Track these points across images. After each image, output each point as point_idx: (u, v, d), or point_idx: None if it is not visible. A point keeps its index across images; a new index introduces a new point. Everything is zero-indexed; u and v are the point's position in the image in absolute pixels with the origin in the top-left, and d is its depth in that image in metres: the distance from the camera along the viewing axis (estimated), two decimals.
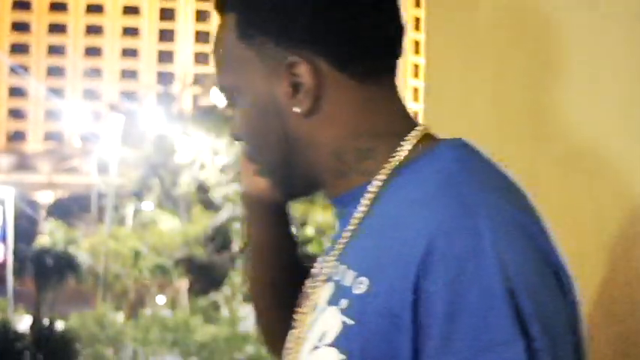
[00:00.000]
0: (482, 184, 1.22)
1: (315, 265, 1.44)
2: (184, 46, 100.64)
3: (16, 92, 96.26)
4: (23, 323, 33.64)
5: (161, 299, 39.66)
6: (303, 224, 44.14)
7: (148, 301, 38.25)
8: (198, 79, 65.66)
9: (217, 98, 55.26)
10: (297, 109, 1.30)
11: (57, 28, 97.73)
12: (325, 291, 1.30)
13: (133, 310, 35.63)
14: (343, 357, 1.20)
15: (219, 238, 42.71)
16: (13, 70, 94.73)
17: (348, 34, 1.30)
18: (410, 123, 1.34)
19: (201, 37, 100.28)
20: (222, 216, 42.67)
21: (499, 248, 1.14)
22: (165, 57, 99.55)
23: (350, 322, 1.21)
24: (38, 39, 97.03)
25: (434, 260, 1.14)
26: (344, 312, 1.22)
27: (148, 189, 44.69)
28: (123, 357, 33.90)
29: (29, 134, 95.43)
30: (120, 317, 35.46)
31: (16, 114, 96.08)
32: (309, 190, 1.41)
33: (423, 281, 1.14)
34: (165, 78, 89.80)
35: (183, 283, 42.36)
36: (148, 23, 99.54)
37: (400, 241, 1.18)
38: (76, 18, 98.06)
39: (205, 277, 39.16)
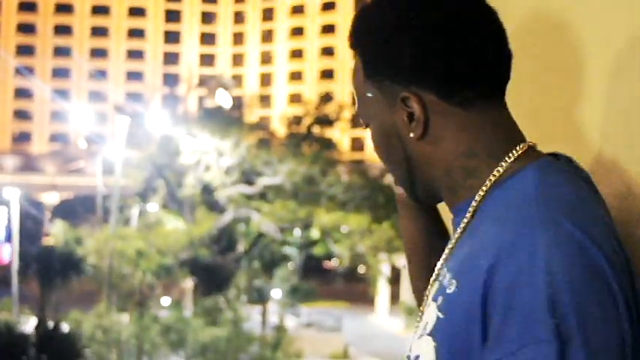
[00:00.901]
0: (550, 204, 1.41)
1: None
2: (190, 47, 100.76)
3: (21, 93, 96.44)
4: (28, 324, 33.67)
5: (166, 300, 39.70)
6: (308, 226, 44.17)
7: (152, 302, 38.27)
8: (203, 81, 65.72)
9: (222, 100, 55.30)
10: (412, 135, 1.55)
11: (62, 30, 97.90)
12: (433, 289, 1.54)
13: (138, 311, 35.63)
14: (435, 344, 1.45)
15: (224, 240, 42.76)
16: (18, 72, 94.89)
17: (446, 68, 1.52)
18: (513, 142, 1.54)
19: (206, 39, 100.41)
20: (227, 217, 42.70)
21: (551, 263, 1.33)
22: (170, 59, 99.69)
23: (441, 315, 1.45)
24: (44, 40, 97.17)
25: (498, 268, 1.36)
26: (439, 307, 1.47)
27: (153, 190, 44.73)
28: (126, 358, 33.93)
29: (35, 135, 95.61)
30: (125, 318, 35.47)
31: (21, 115, 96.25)
32: (433, 199, 1.66)
33: (489, 285, 1.36)
34: (170, 80, 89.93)
35: (187, 284, 42.40)
36: (154, 25, 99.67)
37: (479, 250, 1.41)
38: (81, 19, 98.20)
39: (210, 278, 39.19)
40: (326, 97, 65.54)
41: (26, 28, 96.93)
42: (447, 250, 1.57)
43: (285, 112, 63.54)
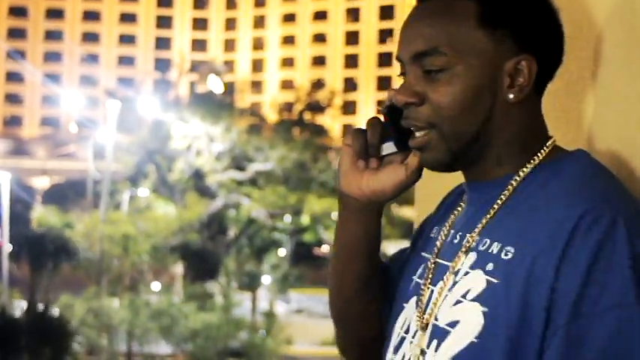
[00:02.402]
0: (612, 185, 1.50)
1: (439, 240, 1.69)
2: (182, 33, 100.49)
3: (12, 77, 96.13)
4: (18, 308, 33.63)
5: (156, 285, 39.69)
6: (298, 213, 44.16)
7: (142, 287, 38.25)
8: (195, 66, 65.62)
9: (214, 85, 55.21)
10: (510, 96, 1.54)
11: (54, 14, 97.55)
12: (468, 259, 1.55)
13: (128, 296, 35.61)
14: (485, 309, 1.47)
15: (215, 225, 42.74)
16: (9, 56, 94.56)
17: (556, 45, 1.58)
18: (547, 133, 1.61)
19: (198, 24, 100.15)
20: (218, 203, 42.69)
21: (631, 232, 1.40)
22: (162, 44, 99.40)
23: (495, 280, 1.47)
24: (35, 24, 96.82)
25: (580, 235, 1.40)
26: (489, 273, 1.49)
27: (144, 175, 44.67)
28: (116, 342, 33.93)
29: (25, 119, 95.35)
30: (115, 303, 35.45)
31: (12, 99, 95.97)
32: (461, 165, 1.61)
33: (569, 250, 1.40)
34: (162, 65, 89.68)
35: (178, 270, 42.39)
36: (146, 10, 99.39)
37: (550, 221, 1.44)
38: (73, 4, 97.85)
39: (200, 263, 39.19)
40: (317, 84, 65.47)
41: (17, 12, 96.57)
42: (481, 223, 1.57)
43: (277, 98, 63.47)
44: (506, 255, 1.48)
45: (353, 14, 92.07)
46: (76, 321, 32.04)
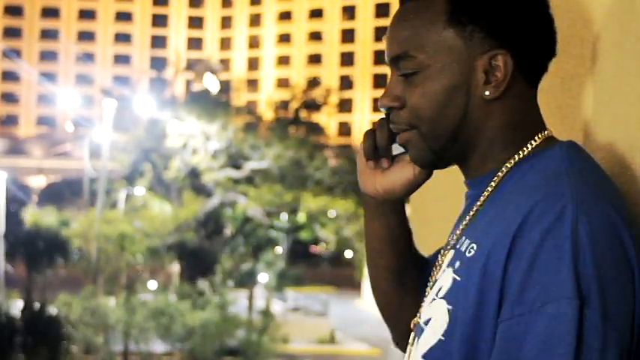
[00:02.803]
0: (579, 178, 1.47)
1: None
2: (177, 31, 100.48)
3: (8, 76, 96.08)
4: (14, 307, 33.60)
5: (153, 284, 39.66)
6: (295, 211, 44.17)
7: (139, 286, 38.22)
8: (190, 65, 65.54)
9: (210, 83, 55.18)
10: (486, 93, 1.53)
11: (50, 13, 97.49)
12: (448, 257, 1.59)
13: (125, 295, 35.59)
14: (450, 307, 1.50)
15: (211, 224, 42.74)
16: (5, 54, 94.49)
17: (538, 38, 1.56)
18: (540, 126, 1.59)
19: (194, 22, 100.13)
20: (214, 201, 42.69)
21: (577, 228, 1.39)
22: (158, 42, 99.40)
23: (458, 278, 1.50)
24: (31, 23, 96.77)
25: (525, 229, 1.41)
26: (455, 271, 1.52)
27: (140, 173, 44.63)
28: (113, 341, 33.91)
29: (21, 119, 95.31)
30: (111, 302, 35.43)
31: (8, 98, 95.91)
32: (448, 165, 1.64)
33: (515, 245, 1.41)
34: (158, 63, 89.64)
35: (174, 268, 42.38)
36: (141, 8, 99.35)
37: (504, 217, 1.46)
38: (68, 2, 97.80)
39: (197, 262, 39.18)
40: (313, 82, 65.52)
41: (13, 11, 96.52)
42: (465, 221, 1.60)
43: (273, 97, 63.48)
44: (469, 252, 1.50)
45: (349, 12, 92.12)
46: (73, 320, 32.02)
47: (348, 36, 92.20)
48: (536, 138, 1.56)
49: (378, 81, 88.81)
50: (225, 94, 53.22)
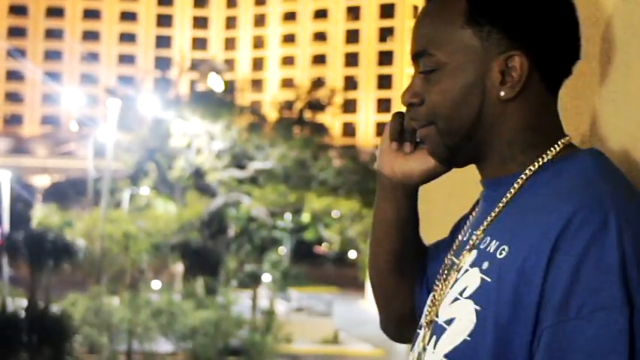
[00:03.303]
0: (614, 186, 1.48)
1: (457, 239, 1.72)
2: (182, 31, 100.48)
3: (13, 76, 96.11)
4: (18, 307, 33.63)
5: (156, 284, 39.70)
6: (299, 211, 44.16)
7: (142, 286, 38.25)
8: (195, 65, 65.60)
9: (214, 84, 55.19)
10: (502, 94, 1.54)
11: (54, 12, 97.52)
12: (470, 257, 1.58)
13: (129, 295, 35.61)
14: (478, 308, 1.49)
15: (215, 223, 42.74)
16: (10, 54, 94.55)
17: (558, 40, 1.55)
18: (560, 132, 1.59)
19: (198, 22, 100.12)
20: (218, 201, 42.70)
21: (620, 232, 1.39)
22: (162, 42, 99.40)
23: (488, 279, 1.49)
24: (35, 23, 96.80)
25: (568, 236, 1.40)
26: (484, 271, 1.51)
27: (144, 173, 44.68)
28: (117, 341, 33.94)
29: (26, 118, 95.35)
30: (115, 301, 35.45)
31: (13, 97, 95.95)
32: (465, 163, 1.65)
33: (557, 250, 1.41)
34: (162, 63, 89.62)
35: (178, 268, 42.40)
36: (146, 8, 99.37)
37: (542, 220, 1.45)
38: (73, 2, 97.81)
39: (200, 262, 39.20)
40: (318, 82, 65.50)
41: (18, 10, 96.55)
42: (486, 221, 1.59)
43: (277, 97, 63.47)
44: (500, 254, 1.49)
45: (353, 12, 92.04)
46: (77, 319, 32.06)
47: (352, 36, 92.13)
48: (559, 142, 1.56)
49: (383, 82, 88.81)
50: (229, 94, 53.26)
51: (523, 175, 1.55)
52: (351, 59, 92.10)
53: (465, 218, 1.82)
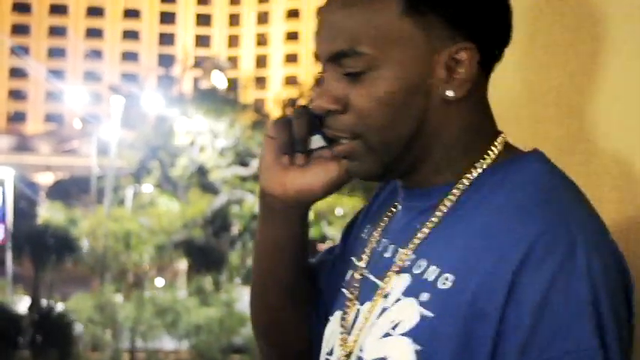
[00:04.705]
0: (572, 199, 1.29)
1: (368, 247, 1.48)
2: (185, 28, 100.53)
3: (16, 73, 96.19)
4: (22, 305, 33.69)
5: (160, 281, 39.73)
6: None
7: (146, 284, 38.31)
8: (198, 62, 65.63)
9: (217, 81, 55.22)
10: (450, 93, 1.31)
11: (58, 10, 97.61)
12: (400, 281, 1.33)
13: (132, 292, 35.68)
14: (418, 347, 1.26)
15: (218, 221, 42.77)
16: (13, 51, 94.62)
17: (499, 29, 1.34)
18: (496, 129, 1.39)
19: (202, 20, 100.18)
20: (222, 199, 42.73)
21: (590, 260, 1.21)
22: (166, 39, 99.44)
23: (430, 314, 1.26)
24: (39, 20, 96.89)
25: (531, 266, 1.20)
26: (423, 304, 1.27)
27: (148, 171, 44.73)
28: (120, 339, 33.97)
29: (29, 115, 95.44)
30: (118, 299, 35.50)
31: (16, 95, 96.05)
32: (400, 177, 1.40)
33: (518, 283, 1.20)
34: (165, 60, 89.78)
35: (181, 266, 42.44)
36: (149, 6, 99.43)
37: (496, 245, 1.24)
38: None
39: (204, 259, 39.23)
40: (321, 80, 65.49)
41: (21, 8, 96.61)
42: (416, 238, 1.35)
43: (280, 94, 63.52)
44: (444, 284, 1.26)
45: None
46: (81, 317, 32.11)
47: None
48: (495, 143, 1.36)
49: None
50: (232, 91, 53.29)
51: (459, 185, 1.33)
52: None
53: (364, 215, 1.60)
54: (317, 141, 1.43)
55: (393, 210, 1.49)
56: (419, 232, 1.35)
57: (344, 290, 1.49)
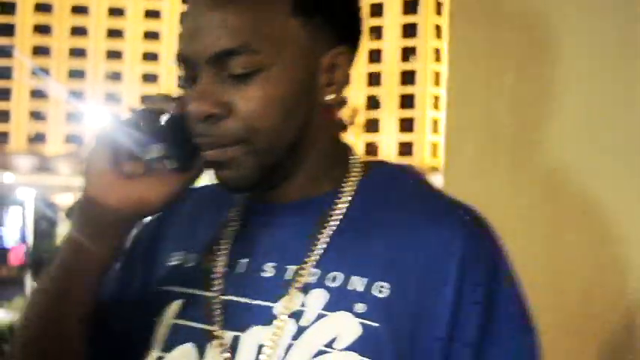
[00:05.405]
0: (452, 199, 1.30)
1: (216, 272, 1.32)
2: None
3: (37, 94, 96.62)
4: None
5: None
6: None
7: None
8: None
9: None
10: (329, 98, 1.27)
11: (78, 31, 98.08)
12: (312, 299, 1.23)
13: None
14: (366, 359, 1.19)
15: None
16: (34, 73, 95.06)
17: (361, 29, 1.31)
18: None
19: None
20: None
21: (507, 257, 1.25)
22: None
23: (374, 324, 1.19)
24: (60, 42, 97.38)
25: (471, 260, 1.20)
26: (362, 315, 1.20)
27: None
28: None
29: (50, 136, 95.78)
30: None
31: (37, 116, 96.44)
32: (269, 187, 1.29)
33: (464, 280, 1.19)
34: None
35: None
36: (169, 27, 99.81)
37: (425, 245, 1.21)
38: (97, 21, 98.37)
39: None
40: (340, 102, 65.52)
41: (42, 29, 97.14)
42: (311, 253, 1.26)
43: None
44: (380, 292, 1.21)
45: (375, 32, 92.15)
46: None
47: (374, 56, 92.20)
48: (353, 152, 1.33)
49: (405, 101, 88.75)
50: None
51: (344, 192, 1.28)
52: (374, 79, 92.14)
53: (167, 245, 1.41)
54: (155, 150, 1.26)
55: (230, 229, 1.36)
56: (311, 246, 1.26)
57: (180, 322, 1.32)
